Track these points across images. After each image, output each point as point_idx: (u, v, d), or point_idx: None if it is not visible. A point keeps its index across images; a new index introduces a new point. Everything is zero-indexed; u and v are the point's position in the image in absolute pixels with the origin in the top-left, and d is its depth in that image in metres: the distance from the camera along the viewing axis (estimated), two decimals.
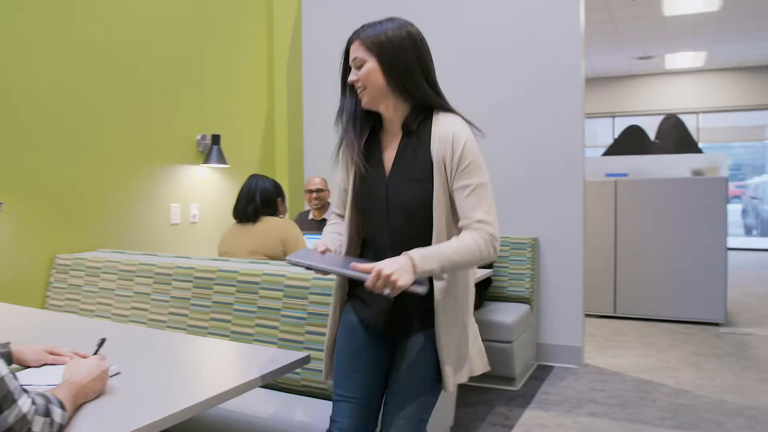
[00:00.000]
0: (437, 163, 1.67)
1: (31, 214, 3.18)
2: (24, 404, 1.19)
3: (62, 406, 1.29)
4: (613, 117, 11.44)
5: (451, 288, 1.72)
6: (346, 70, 1.82)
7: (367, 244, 1.84)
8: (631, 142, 6.62)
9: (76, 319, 2.57)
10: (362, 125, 1.83)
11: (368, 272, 1.47)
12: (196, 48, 4.22)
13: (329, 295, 2.30)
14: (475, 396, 3.68)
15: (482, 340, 1.99)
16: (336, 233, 1.90)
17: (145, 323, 2.82)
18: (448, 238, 1.65)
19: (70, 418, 1.33)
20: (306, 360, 1.80)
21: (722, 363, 4.25)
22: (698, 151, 6.54)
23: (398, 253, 1.53)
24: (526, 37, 4.24)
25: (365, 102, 1.75)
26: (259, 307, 2.47)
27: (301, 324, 2.34)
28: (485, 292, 4.08)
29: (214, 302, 2.61)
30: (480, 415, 3.39)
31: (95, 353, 1.67)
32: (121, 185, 3.66)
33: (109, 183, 3.59)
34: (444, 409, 2.91)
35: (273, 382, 2.23)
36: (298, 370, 2.28)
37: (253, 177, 3.35)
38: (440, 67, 1.90)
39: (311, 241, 3.53)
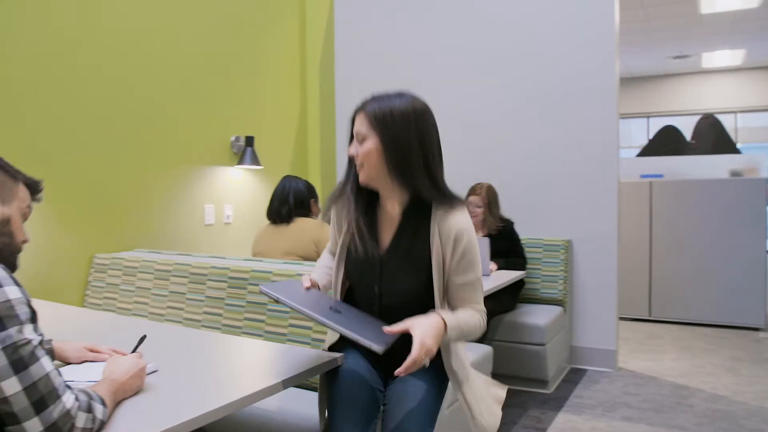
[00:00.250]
0: (437, 257, 1.70)
1: (71, 216, 3.26)
2: (68, 400, 1.22)
3: (103, 403, 1.32)
4: (648, 117, 11.26)
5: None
6: (352, 136, 1.79)
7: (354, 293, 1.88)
8: (666, 142, 6.51)
9: (114, 317, 2.63)
10: (360, 197, 1.82)
11: (398, 332, 1.54)
12: (230, 51, 4.27)
13: None
14: (507, 398, 3.62)
15: (515, 342, 2.00)
16: (327, 267, 1.93)
17: (180, 322, 2.86)
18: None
19: (110, 415, 1.36)
20: (339, 360, 1.81)
21: (762, 369, 4.16)
22: (736, 151, 6.40)
23: (384, 320, 1.63)
24: (560, 37, 4.21)
25: (362, 179, 1.75)
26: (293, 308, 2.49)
27: None
28: (518, 294, 4.05)
29: (248, 302, 2.64)
30: (512, 417, 3.36)
31: (134, 350, 1.71)
32: (157, 187, 3.73)
33: (145, 184, 3.66)
34: None
35: (306, 381, 2.25)
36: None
37: (287, 178, 3.38)
38: (472, 67, 1.90)
39: None
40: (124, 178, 3.54)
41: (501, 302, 3.81)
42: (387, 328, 1.55)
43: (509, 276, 3.61)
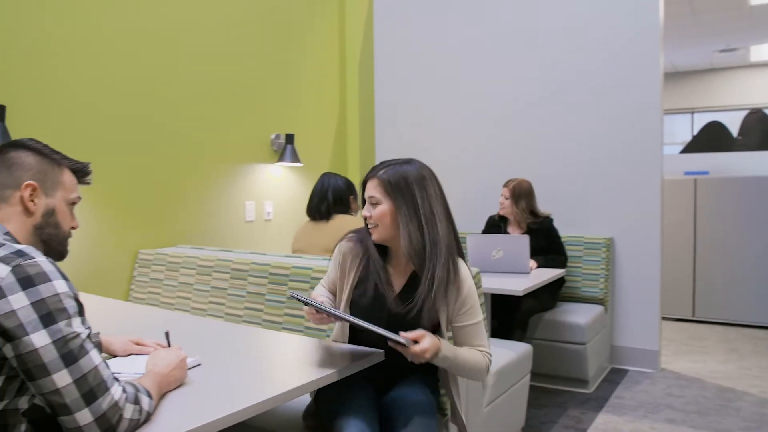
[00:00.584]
0: (441, 306, 1.85)
1: (116, 212, 3.34)
2: (116, 392, 1.25)
3: (149, 395, 1.35)
4: (692, 113, 10.99)
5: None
6: (364, 200, 1.94)
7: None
8: (711, 138, 6.37)
9: (158, 311, 2.68)
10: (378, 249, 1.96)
11: (409, 339, 1.69)
12: (270, 49, 4.31)
13: None
14: (546, 398, 3.62)
15: (555, 340, 2.04)
16: (326, 296, 2.02)
17: (222, 317, 2.91)
18: None
19: (156, 407, 1.39)
20: (380, 356, 1.82)
21: None
22: None
23: (390, 355, 1.79)
24: (603, 32, 4.14)
25: (375, 237, 1.89)
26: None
27: None
28: (558, 293, 4.00)
29: (288, 298, 2.66)
30: (552, 417, 3.33)
31: (168, 345, 1.75)
32: (199, 184, 3.79)
33: (188, 182, 3.73)
34: (515, 410, 2.88)
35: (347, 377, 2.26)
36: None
37: (326, 175, 3.40)
38: (512, 61, 1.89)
39: None
40: (168, 176, 3.61)
41: (540, 300, 3.77)
42: (403, 334, 1.70)
43: (549, 274, 3.57)
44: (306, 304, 1.75)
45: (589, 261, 4.10)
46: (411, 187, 1.84)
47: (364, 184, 1.94)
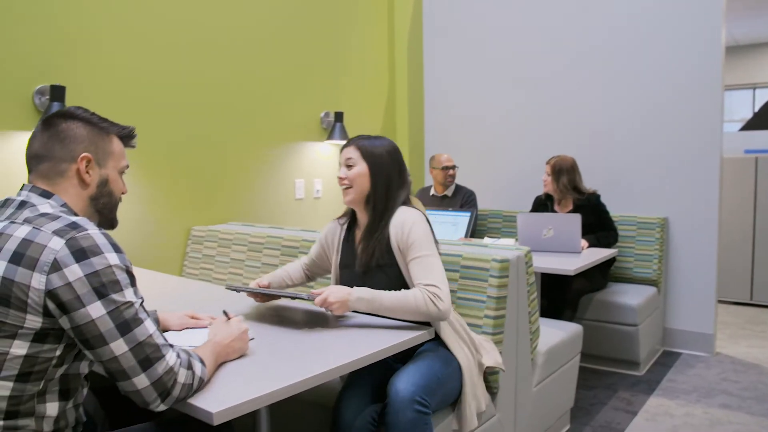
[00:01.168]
0: (395, 247, 2.00)
1: (170, 190, 3.41)
2: (170, 357, 1.30)
3: (202, 362, 1.39)
4: (754, 88, 10.55)
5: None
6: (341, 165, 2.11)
7: None
8: None
9: (210, 287, 2.73)
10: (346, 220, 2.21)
11: (319, 294, 1.84)
12: (319, 27, 4.31)
13: (452, 270, 2.31)
14: (596, 379, 3.58)
15: (606, 321, 2.06)
16: (287, 273, 2.32)
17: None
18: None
19: (211, 374, 1.44)
20: (431, 334, 1.82)
21: None
22: None
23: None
24: (661, 3, 3.99)
25: (348, 200, 2.07)
26: None
27: None
28: (608, 272, 3.93)
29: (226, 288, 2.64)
30: (601, 398, 3.30)
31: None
32: (250, 162, 3.84)
33: (239, 161, 3.78)
34: (564, 391, 2.86)
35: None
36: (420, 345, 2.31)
37: None
38: (563, 37, 1.84)
39: (433, 218, 3.53)
40: (220, 155, 3.67)
41: (591, 280, 3.71)
42: (313, 292, 1.88)
43: (601, 254, 3.51)
44: (238, 291, 2.11)
45: (642, 241, 4.00)
46: (383, 156, 2.06)
47: (341, 151, 2.11)
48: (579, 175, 3.89)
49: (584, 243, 3.62)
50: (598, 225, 3.82)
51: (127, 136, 1.55)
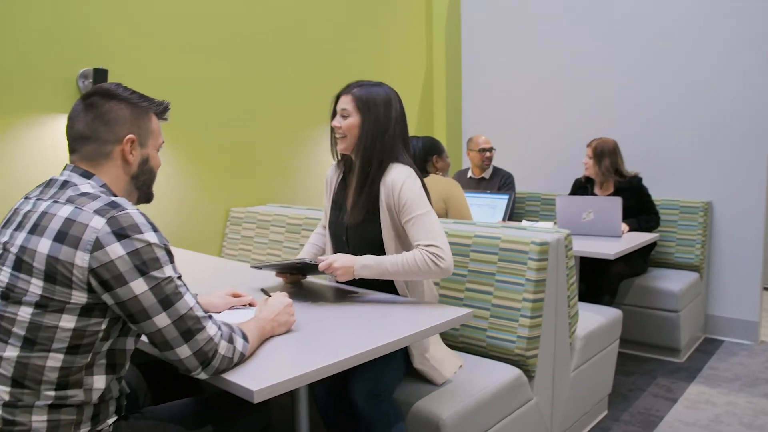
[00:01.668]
0: (383, 208, 2.03)
1: (210, 173, 3.45)
2: (211, 329, 1.35)
3: (245, 338, 1.42)
4: None
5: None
6: (334, 113, 2.15)
7: None
8: None
9: (249, 268, 2.76)
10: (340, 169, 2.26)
11: (321, 259, 1.90)
12: (357, 10, 4.29)
13: (491, 253, 2.30)
14: (634, 365, 3.54)
15: (646, 307, 2.04)
16: (313, 244, 2.40)
17: None
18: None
19: (254, 350, 1.47)
20: (468, 316, 1.82)
21: None
22: None
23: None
24: None
25: (341, 148, 2.11)
26: None
27: (461, 281, 2.36)
28: (648, 257, 3.86)
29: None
30: (640, 385, 3.25)
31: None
32: (287, 145, 3.86)
33: (277, 143, 3.80)
34: (602, 376, 2.83)
35: (431, 336, 2.28)
36: (457, 327, 2.31)
37: None
38: (607, 16, 1.79)
39: (470, 200, 3.51)
40: (258, 137, 3.69)
41: (631, 265, 3.65)
42: (318, 258, 1.97)
43: (641, 238, 3.44)
44: (261, 268, 2.14)
45: (685, 226, 3.91)
46: (378, 106, 2.06)
47: (337, 98, 2.14)
48: (621, 158, 3.82)
49: (625, 227, 3.56)
50: (640, 208, 3.75)
51: (162, 111, 1.58)
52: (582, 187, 3.97)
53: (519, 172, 4.51)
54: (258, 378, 1.33)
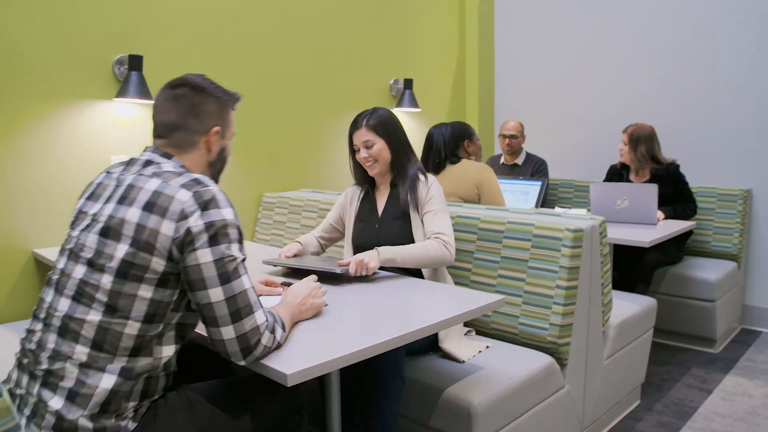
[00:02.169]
0: (413, 205, 2.29)
1: (243, 158, 3.47)
2: (260, 317, 1.38)
3: (283, 327, 1.45)
4: None
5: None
6: (352, 149, 2.38)
7: None
8: None
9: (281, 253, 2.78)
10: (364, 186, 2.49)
11: (348, 264, 2.03)
12: None
13: (524, 239, 2.28)
14: (668, 355, 3.49)
15: (681, 296, 2.18)
16: (306, 242, 2.52)
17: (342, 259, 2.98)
18: None
19: (287, 336, 1.49)
20: (501, 303, 1.81)
21: None
22: None
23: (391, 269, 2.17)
24: None
25: (376, 172, 2.35)
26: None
27: (494, 267, 2.35)
28: (684, 246, 3.78)
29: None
30: (674, 375, 3.21)
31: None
32: (319, 130, 3.87)
33: (309, 128, 3.81)
34: (636, 365, 2.80)
35: (463, 323, 2.27)
36: (489, 313, 2.30)
37: (433, 129, 3.31)
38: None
39: (503, 186, 3.48)
40: (290, 122, 3.70)
41: (666, 253, 3.59)
42: (340, 262, 2.08)
43: (677, 226, 3.37)
44: (275, 265, 2.28)
45: (723, 214, 3.83)
46: (392, 125, 2.33)
47: (351, 136, 2.35)
48: (658, 145, 3.73)
49: (660, 215, 3.50)
50: (676, 196, 3.67)
51: (235, 103, 1.69)
52: (617, 174, 3.90)
53: (552, 159, 4.46)
54: (291, 362, 1.34)
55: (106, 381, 1.30)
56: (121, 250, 1.33)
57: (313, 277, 1.76)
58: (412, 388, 2.02)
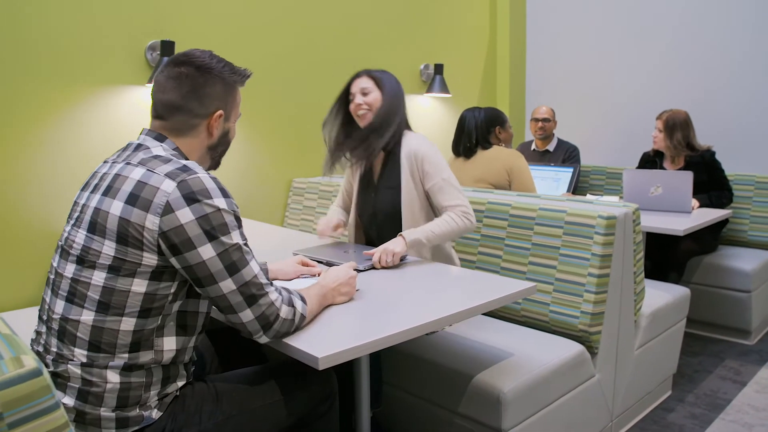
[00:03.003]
0: (406, 175, 2.25)
1: (273, 144, 3.49)
2: (273, 294, 1.38)
3: (303, 300, 1.45)
4: None
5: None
6: (346, 98, 2.37)
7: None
8: None
9: (311, 237, 2.79)
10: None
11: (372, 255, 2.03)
12: None
13: (556, 226, 2.26)
14: (701, 345, 3.43)
15: (716, 286, 2.21)
16: (339, 209, 2.59)
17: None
18: (417, 223, 2.23)
19: (315, 315, 1.50)
20: (532, 290, 1.79)
21: None
22: None
23: (385, 237, 2.20)
24: None
25: (364, 123, 2.28)
26: (483, 236, 2.50)
27: (524, 254, 2.33)
28: (719, 235, 3.70)
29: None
30: (706, 366, 3.16)
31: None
32: None
33: None
34: (668, 355, 2.76)
35: (493, 310, 2.26)
36: (519, 300, 2.28)
37: (465, 112, 3.30)
38: None
39: (534, 173, 3.45)
40: (319, 108, 3.69)
41: (700, 242, 3.52)
42: (366, 252, 2.10)
43: (713, 214, 3.31)
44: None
45: (761, 202, 3.73)
46: (393, 82, 2.32)
47: (351, 81, 2.35)
48: (693, 131, 3.65)
49: (695, 203, 3.43)
50: (712, 184, 3.59)
51: (244, 81, 1.58)
52: (650, 161, 3.83)
53: (584, 145, 4.39)
54: (323, 345, 1.35)
55: (112, 378, 1.29)
56: (109, 246, 1.29)
57: (353, 264, 1.76)
58: (441, 374, 2.02)
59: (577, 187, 3.95)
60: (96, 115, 2.77)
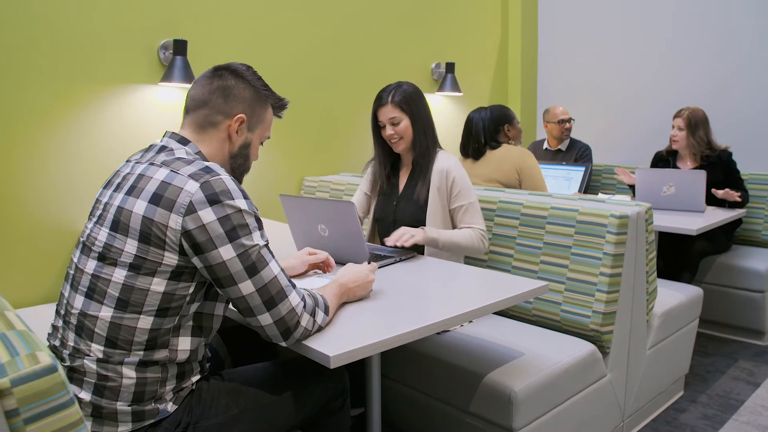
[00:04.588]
0: (433, 191, 2.32)
1: (285, 143, 3.50)
2: (294, 299, 1.37)
3: (326, 311, 1.45)
4: None
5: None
6: (377, 126, 2.43)
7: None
8: None
9: None
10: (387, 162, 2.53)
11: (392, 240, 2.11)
12: None
13: (567, 225, 2.25)
14: (714, 346, 3.41)
15: (729, 286, 2.27)
16: (360, 203, 2.60)
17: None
18: None
19: (331, 318, 1.49)
20: (544, 289, 1.79)
21: None
22: None
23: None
24: None
25: (401, 149, 2.39)
26: (494, 234, 2.50)
27: (536, 254, 2.33)
28: (733, 234, 3.68)
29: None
30: (719, 367, 3.14)
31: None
32: (361, 114, 3.86)
33: (350, 111, 3.81)
34: (680, 355, 2.75)
35: (504, 309, 2.26)
36: (530, 299, 2.28)
37: (472, 113, 3.29)
38: None
39: (545, 172, 3.43)
40: (331, 107, 3.71)
41: (714, 242, 3.49)
42: (386, 240, 2.14)
43: (726, 214, 3.28)
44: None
45: None
46: (417, 101, 2.35)
47: (375, 113, 2.38)
48: (710, 129, 3.62)
49: (736, 197, 3.36)
50: (727, 184, 3.55)
51: (279, 107, 1.65)
52: (663, 161, 3.80)
53: (596, 144, 4.37)
54: (335, 344, 1.35)
55: (128, 373, 1.30)
56: (131, 244, 1.31)
57: (375, 265, 1.75)
58: (452, 373, 2.02)
59: (588, 187, 3.93)
60: (109, 113, 2.78)
